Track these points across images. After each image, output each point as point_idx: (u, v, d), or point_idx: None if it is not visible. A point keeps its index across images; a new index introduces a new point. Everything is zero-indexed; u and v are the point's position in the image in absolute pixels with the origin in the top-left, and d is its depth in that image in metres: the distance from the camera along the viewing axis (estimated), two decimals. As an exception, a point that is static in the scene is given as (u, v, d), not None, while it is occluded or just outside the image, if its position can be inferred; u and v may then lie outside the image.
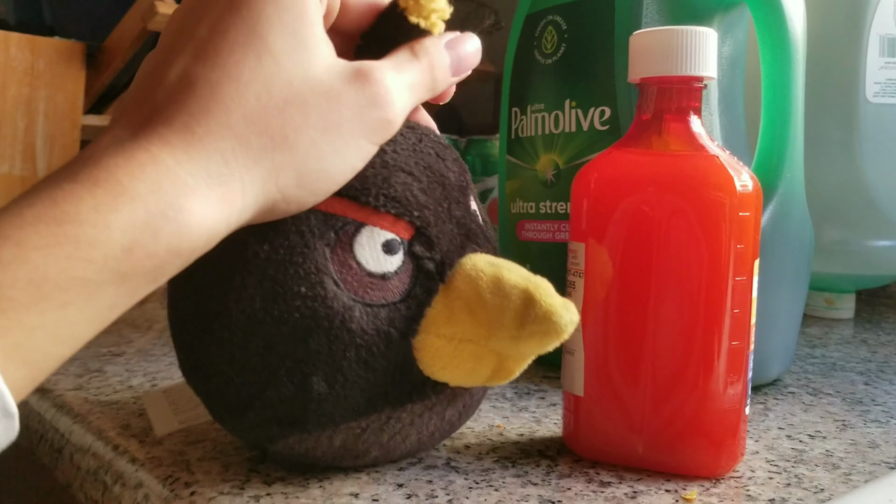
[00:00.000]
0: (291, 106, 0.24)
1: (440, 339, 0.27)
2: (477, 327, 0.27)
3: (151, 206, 0.22)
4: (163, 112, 0.23)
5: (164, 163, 0.22)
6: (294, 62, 0.25)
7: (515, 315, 0.26)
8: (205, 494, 0.28)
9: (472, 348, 0.27)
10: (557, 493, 0.29)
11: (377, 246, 0.27)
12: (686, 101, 0.31)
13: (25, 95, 0.71)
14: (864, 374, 0.48)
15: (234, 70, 0.24)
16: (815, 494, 0.29)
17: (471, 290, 0.27)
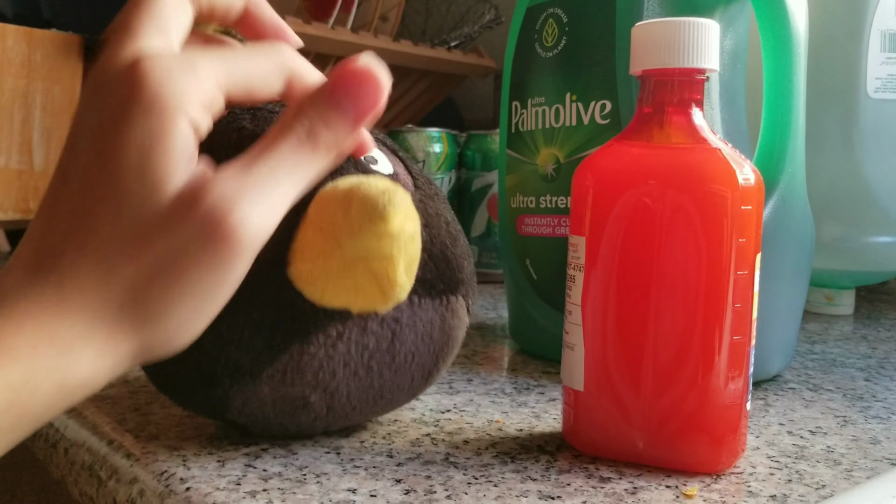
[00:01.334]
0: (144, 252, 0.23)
1: (306, 262, 0.28)
2: (326, 241, 0.27)
3: (31, 364, 0.21)
4: (44, 262, 0.23)
5: (41, 320, 0.22)
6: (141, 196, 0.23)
7: (343, 214, 0.27)
8: (200, 490, 0.28)
9: (336, 263, 0.27)
10: (557, 489, 0.28)
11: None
12: (688, 93, 0.30)
13: (22, 88, 0.70)
14: (865, 370, 0.48)
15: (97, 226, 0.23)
16: (817, 490, 0.29)
17: (316, 210, 0.28)
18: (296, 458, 0.31)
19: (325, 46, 0.83)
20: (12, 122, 0.70)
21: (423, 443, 0.33)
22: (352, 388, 0.30)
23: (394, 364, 0.31)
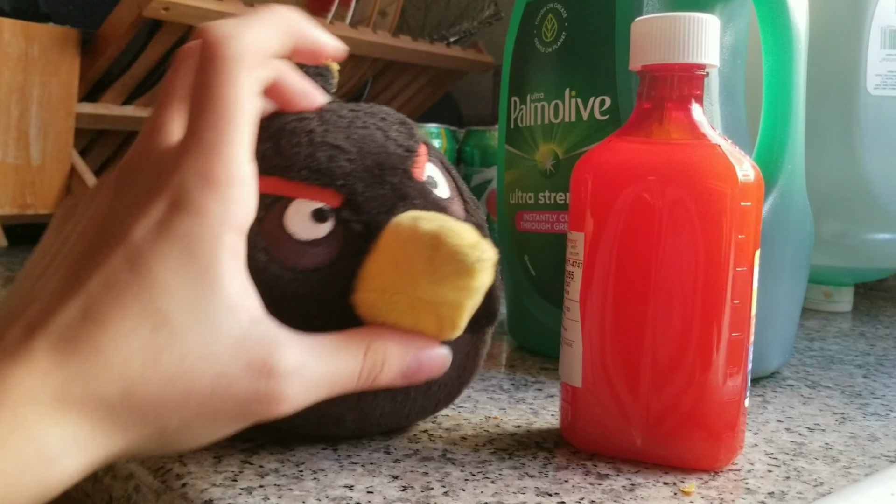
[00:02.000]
0: (176, 383, 0.23)
1: (372, 293, 0.28)
2: (401, 277, 0.27)
3: (13, 480, 0.21)
4: (41, 360, 0.22)
5: (30, 431, 0.21)
6: (194, 337, 0.23)
7: (427, 259, 0.26)
8: (196, 486, 0.27)
9: (404, 300, 0.28)
10: (554, 486, 0.28)
11: (306, 215, 0.28)
12: (687, 89, 0.30)
13: (19, 82, 0.70)
14: (863, 367, 0.47)
15: (123, 339, 0.22)
16: (815, 488, 0.29)
17: (392, 243, 0.28)
18: (292, 454, 0.31)
19: (323, 41, 0.83)
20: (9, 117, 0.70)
21: (421, 439, 0.33)
22: (385, 410, 0.30)
23: (428, 392, 0.31)
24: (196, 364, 0.23)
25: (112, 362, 0.22)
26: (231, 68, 0.24)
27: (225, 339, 0.23)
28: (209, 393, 0.23)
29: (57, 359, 0.22)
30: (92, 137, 0.84)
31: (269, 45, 0.26)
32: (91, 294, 0.23)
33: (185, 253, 0.23)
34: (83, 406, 0.22)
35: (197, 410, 0.23)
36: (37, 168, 0.73)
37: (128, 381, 0.22)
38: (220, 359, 0.23)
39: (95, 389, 0.22)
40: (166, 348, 0.23)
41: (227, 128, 0.24)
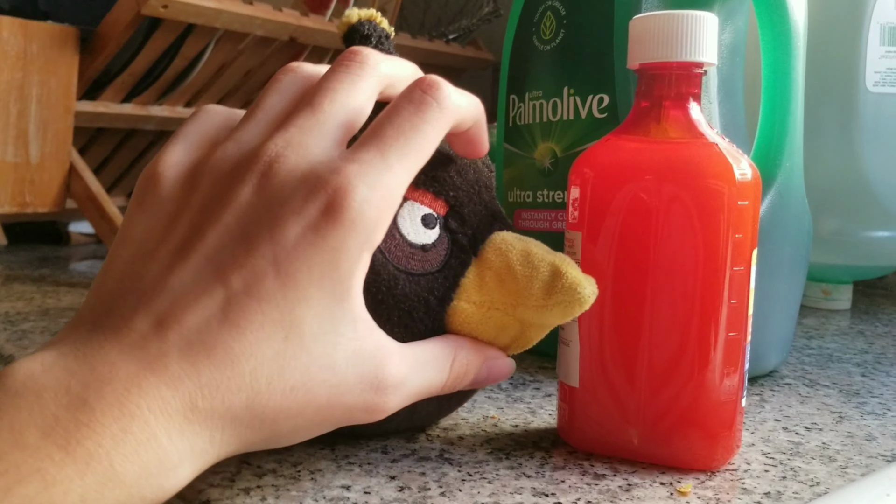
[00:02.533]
0: (296, 393, 0.23)
1: (471, 305, 0.29)
2: (506, 296, 0.29)
3: (134, 491, 0.21)
4: (173, 367, 0.22)
5: (158, 441, 0.21)
6: (319, 347, 0.23)
7: (543, 285, 0.28)
8: (194, 486, 0.27)
9: (499, 316, 0.29)
10: (551, 486, 0.28)
11: (417, 219, 0.30)
12: (685, 87, 0.30)
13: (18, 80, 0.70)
14: (861, 365, 0.47)
15: (257, 348, 0.22)
16: (812, 488, 0.29)
17: (501, 262, 0.29)
18: (290, 454, 0.31)
19: (322, 39, 0.83)
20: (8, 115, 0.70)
21: (418, 439, 0.33)
22: (431, 410, 0.32)
23: (467, 393, 0.33)
24: (317, 374, 0.23)
25: (243, 371, 0.22)
26: (441, 115, 0.26)
27: (344, 351, 0.24)
28: (325, 403, 0.24)
29: (189, 368, 0.22)
30: (91, 136, 0.84)
31: (467, 116, 0.28)
32: (232, 294, 0.23)
33: (330, 265, 0.23)
34: (208, 417, 0.22)
35: (310, 418, 0.24)
36: (36, 166, 0.73)
37: (254, 392, 0.22)
38: (339, 370, 0.24)
39: (223, 401, 0.22)
40: (294, 358, 0.23)
41: (413, 159, 0.25)
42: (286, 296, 0.23)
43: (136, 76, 0.77)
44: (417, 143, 0.25)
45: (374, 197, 0.24)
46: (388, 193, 0.24)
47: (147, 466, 0.21)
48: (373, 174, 0.24)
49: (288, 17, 0.77)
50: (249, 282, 0.23)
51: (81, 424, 0.20)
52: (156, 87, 0.79)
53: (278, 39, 0.80)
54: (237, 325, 0.22)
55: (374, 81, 0.27)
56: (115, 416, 0.21)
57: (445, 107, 0.26)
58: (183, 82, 0.81)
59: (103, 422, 0.20)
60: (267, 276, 0.23)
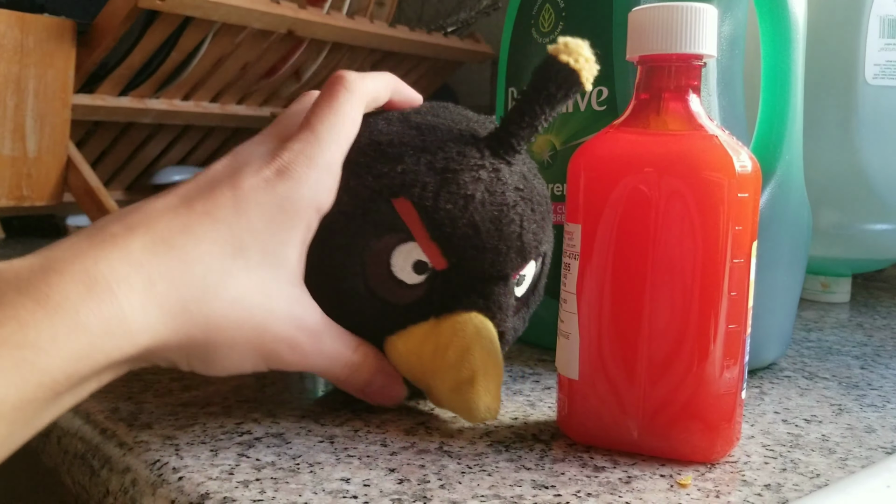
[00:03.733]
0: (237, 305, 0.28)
1: (407, 349, 0.32)
2: (428, 363, 0.32)
3: (97, 341, 0.24)
4: (136, 252, 0.26)
5: (119, 305, 0.25)
6: (261, 273, 0.29)
7: (454, 383, 0.31)
8: (193, 479, 0.27)
9: (417, 372, 0.33)
10: (551, 478, 0.28)
11: (410, 261, 0.32)
12: (685, 79, 0.30)
13: (15, 74, 0.70)
14: (860, 357, 0.47)
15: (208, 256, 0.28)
16: (811, 479, 0.29)
17: (445, 337, 0.32)
18: (289, 447, 0.30)
19: (320, 32, 0.82)
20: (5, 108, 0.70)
21: (418, 432, 0.33)
22: None
23: None
24: (256, 296, 0.28)
25: (195, 271, 0.27)
26: (350, 95, 0.32)
27: (279, 288, 0.29)
28: (259, 324, 0.28)
29: (151, 256, 0.26)
30: (88, 129, 0.84)
31: (378, 92, 0.33)
32: (194, 214, 0.28)
33: (277, 208, 0.29)
34: (164, 300, 0.26)
35: (245, 334, 0.28)
36: (33, 160, 0.73)
37: (203, 290, 0.27)
38: (274, 300, 0.29)
39: (177, 289, 0.26)
40: (238, 275, 0.28)
41: (335, 130, 0.31)
42: (238, 222, 0.28)
43: (133, 69, 0.77)
44: (341, 121, 0.31)
45: (316, 162, 0.30)
46: (326, 161, 0.30)
47: (109, 323, 0.25)
48: (312, 147, 0.30)
49: (285, 9, 0.77)
50: (209, 207, 0.28)
51: (52, 284, 0.24)
52: (153, 80, 0.79)
53: (276, 32, 0.80)
54: (195, 235, 0.27)
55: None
56: (82, 279, 0.25)
57: (353, 90, 0.32)
58: (180, 75, 0.80)
59: (72, 283, 0.24)
60: (225, 206, 0.28)
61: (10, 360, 0.22)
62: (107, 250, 0.26)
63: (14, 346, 0.23)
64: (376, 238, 0.31)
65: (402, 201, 0.31)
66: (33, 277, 0.24)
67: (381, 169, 0.32)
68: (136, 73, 0.78)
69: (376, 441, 0.31)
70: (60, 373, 0.23)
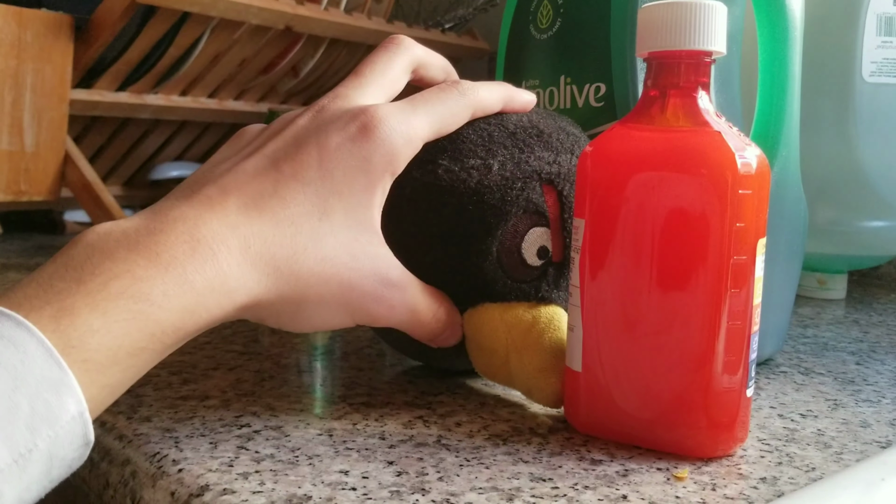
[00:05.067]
0: (326, 264, 0.29)
1: (495, 317, 0.34)
2: (518, 338, 0.33)
3: (201, 298, 0.26)
4: (231, 214, 0.28)
5: (219, 264, 0.27)
6: (347, 234, 0.30)
7: (543, 364, 0.33)
8: (193, 472, 0.28)
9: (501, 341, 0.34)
10: (548, 471, 0.28)
11: (538, 244, 0.34)
12: (694, 76, 0.30)
13: (12, 68, 0.70)
14: (856, 353, 0.48)
15: (298, 218, 0.29)
16: (807, 473, 0.29)
17: (543, 322, 0.34)
18: (288, 439, 0.31)
19: (318, 28, 0.82)
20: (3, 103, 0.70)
21: (416, 425, 0.33)
22: None
23: None
24: (342, 255, 0.30)
25: (286, 233, 0.28)
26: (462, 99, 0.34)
27: (363, 246, 0.30)
28: (346, 280, 0.30)
29: (245, 218, 0.28)
30: (86, 124, 0.84)
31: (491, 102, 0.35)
32: (282, 177, 0.29)
33: (360, 170, 0.30)
34: (258, 260, 0.28)
35: (333, 291, 0.29)
36: (31, 155, 0.73)
37: (293, 251, 0.28)
38: (358, 258, 0.30)
39: (270, 249, 0.28)
40: (326, 236, 0.29)
41: (436, 118, 0.32)
42: (324, 185, 0.29)
43: (131, 65, 0.77)
44: (441, 109, 0.32)
45: (399, 128, 0.30)
46: (412, 130, 0.31)
47: (212, 281, 0.26)
48: (402, 115, 0.31)
49: (283, 5, 0.77)
50: (297, 169, 0.29)
51: (160, 243, 0.26)
52: (151, 75, 0.79)
53: (274, 28, 0.80)
54: (283, 198, 0.29)
55: (407, 59, 0.34)
56: (185, 240, 0.26)
57: (465, 93, 0.33)
58: (178, 71, 0.80)
59: (177, 243, 0.26)
60: (311, 168, 0.29)
61: (128, 311, 0.25)
62: (206, 212, 0.28)
63: (131, 299, 0.25)
64: (524, 212, 0.33)
65: (551, 190, 0.34)
66: (141, 238, 0.26)
67: (541, 153, 0.34)
68: (134, 69, 0.78)
69: (375, 434, 0.32)
70: (170, 325, 0.26)
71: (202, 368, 0.40)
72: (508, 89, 0.36)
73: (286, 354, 0.43)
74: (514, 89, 0.36)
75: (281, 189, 0.29)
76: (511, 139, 0.34)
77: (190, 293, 0.26)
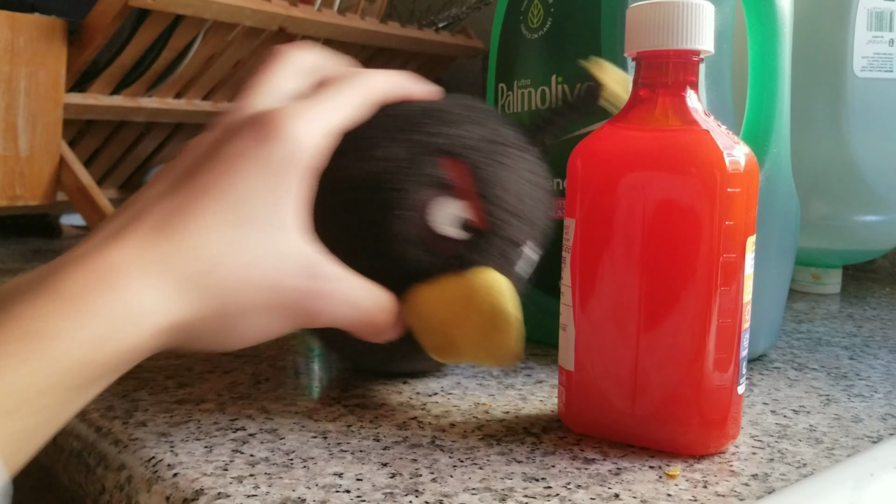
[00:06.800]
0: (249, 270, 0.28)
1: (433, 302, 0.33)
2: (457, 311, 0.32)
3: (113, 328, 0.25)
4: (139, 239, 0.27)
5: (132, 285, 0.26)
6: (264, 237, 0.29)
7: (483, 328, 0.32)
8: (188, 476, 0.28)
9: (442, 325, 0.32)
10: (542, 471, 0.29)
11: (456, 217, 0.33)
12: (683, 75, 0.30)
13: (6, 73, 0.70)
14: (850, 348, 0.48)
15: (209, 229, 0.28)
16: (798, 469, 0.29)
17: (476, 294, 0.32)
18: (283, 442, 0.31)
19: (311, 29, 0.82)
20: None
21: (410, 426, 0.33)
22: None
23: None
24: (265, 258, 0.28)
25: (198, 244, 0.27)
26: (356, 86, 0.33)
27: (287, 245, 0.29)
28: (269, 282, 0.28)
29: (155, 239, 0.27)
30: (80, 128, 0.84)
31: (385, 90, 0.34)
32: (188, 194, 0.28)
33: (268, 172, 0.29)
34: (173, 276, 0.27)
35: (262, 295, 0.28)
36: (25, 159, 0.73)
37: (208, 262, 0.27)
38: (284, 258, 0.29)
39: (185, 265, 0.27)
40: (245, 242, 0.28)
41: (333, 109, 0.31)
42: (234, 192, 0.28)
43: (124, 68, 0.77)
44: (338, 101, 0.32)
45: (299, 124, 0.30)
46: (311, 125, 0.30)
47: (119, 308, 0.25)
48: (300, 111, 0.30)
49: (276, 7, 0.77)
50: (205, 182, 0.29)
51: (63, 278, 0.25)
52: (145, 78, 0.79)
53: (267, 30, 0.80)
54: (194, 213, 0.28)
55: (295, 64, 0.34)
56: (90, 271, 0.26)
57: (362, 83, 0.33)
58: (172, 73, 0.80)
59: (83, 275, 0.25)
60: (218, 178, 0.29)
61: (26, 350, 0.23)
62: (114, 242, 0.27)
63: (28, 337, 0.24)
64: (423, 186, 0.33)
65: (456, 162, 0.33)
66: (47, 276, 0.26)
67: (438, 129, 0.34)
68: (128, 72, 0.78)
69: (369, 436, 0.32)
70: (78, 359, 0.24)
71: (198, 371, 0.40)
72: (406, 77, 0.36)
73: (282, 357, 0.44)
74: (414, 78, 0.36)
75: (191, 204, 0.28)
76: (408, 122, 0.34)
77: (95, 324, 0.25)
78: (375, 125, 0.34)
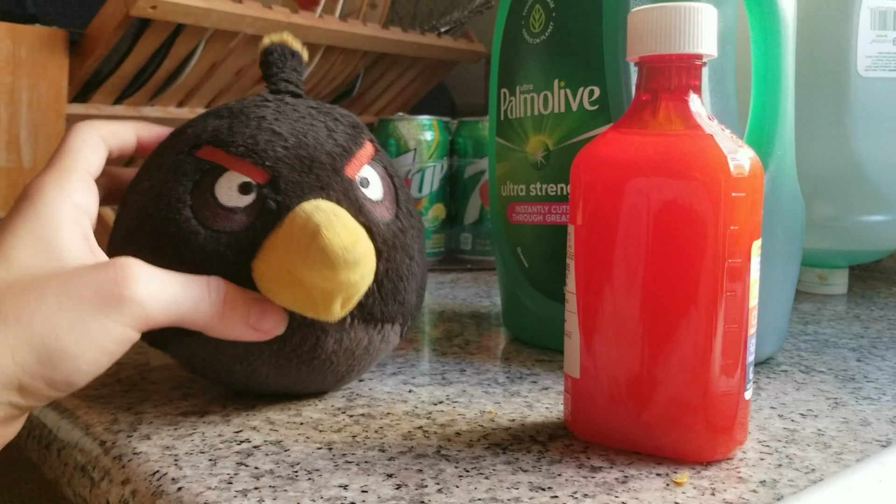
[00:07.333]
0: (29, 291, 0.27)
1: (265, 264, 0.32)
2: (287, 256, 0.31)
3: None
4: None
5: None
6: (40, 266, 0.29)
7: (304, 247, 0.30)
8: (192, 490, 0.28)
9: (286, 277, 0.31)
10: (548, 480, 0.28)
11: (234, 186, 0.33)
12: (685, 79, 0.30)
13: (8, 85, 0.70)
14: (857, 350, 0.48)
15: None
16: (807, 475, 0.29)
17: (289, 224, 0.31)
18: (288, 454, 0.31)
19: (313, 36, 0.82)
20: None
21: (415, 436, 0.33)
22: (270, 371, 0.34)
23: (312, 363, 0.34)
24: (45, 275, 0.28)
25: None
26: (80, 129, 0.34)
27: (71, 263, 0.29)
28: (63, 283, 0.28)
29: None
30: (83, 138, 0.84)
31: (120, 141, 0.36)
32: None
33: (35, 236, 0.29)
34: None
35: (55, 304, 0.27)
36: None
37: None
38: (70, 264, 0.29)
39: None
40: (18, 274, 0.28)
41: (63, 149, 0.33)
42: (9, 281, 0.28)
43: (126, 78, 0.77)
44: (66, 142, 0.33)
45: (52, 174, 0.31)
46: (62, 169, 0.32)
47: None
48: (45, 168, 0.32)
49: (278, 14, 0.77)
50: None
51: None
52: (147, 87, 0.79)
53: (269, 37, 0.80)
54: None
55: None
56: None
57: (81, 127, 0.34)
58: (174, 83, 0.80)
59: None
60: None
61: None
62: None
63: None
64: (193, 183, 0.33)
65: (206, 148, 0.34)
66: None
67: (176, 140, 0.35)
68: (130, 82, 0.78)
69: (374, 447, 0.31)
70: None
71: (202, 383, 0.40)
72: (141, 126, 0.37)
73: (286, 366, 0.43)
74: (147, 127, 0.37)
75: None
76: (176, 139, 0.35)
77: None
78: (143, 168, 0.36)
